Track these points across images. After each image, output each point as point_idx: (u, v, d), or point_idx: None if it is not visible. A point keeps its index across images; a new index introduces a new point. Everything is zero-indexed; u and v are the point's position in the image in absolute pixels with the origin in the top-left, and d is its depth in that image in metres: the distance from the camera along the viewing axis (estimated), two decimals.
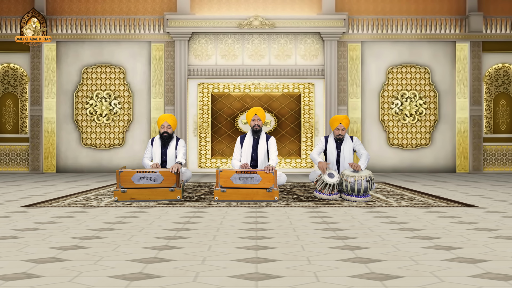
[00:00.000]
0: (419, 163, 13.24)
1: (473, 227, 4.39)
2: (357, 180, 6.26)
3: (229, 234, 4.03)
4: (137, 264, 3.01)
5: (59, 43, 13.19)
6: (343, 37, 13.15)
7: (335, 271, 2.83)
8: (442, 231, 4.21)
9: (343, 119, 6.79)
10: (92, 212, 5.42)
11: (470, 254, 3.30)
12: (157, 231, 4.18)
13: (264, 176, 6.32)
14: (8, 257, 3.18)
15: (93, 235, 3.98)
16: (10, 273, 2.79)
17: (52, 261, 3.05)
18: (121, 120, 13.23)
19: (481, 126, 13.21)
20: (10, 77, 13.26)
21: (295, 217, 5.08)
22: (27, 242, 3.69)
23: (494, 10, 13.38)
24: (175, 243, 3.66)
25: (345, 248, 3.50)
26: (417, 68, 13.25)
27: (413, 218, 4.96)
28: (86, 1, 13.34)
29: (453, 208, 5.78)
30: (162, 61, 13.11)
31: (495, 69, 13.30)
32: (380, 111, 13.26)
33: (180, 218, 4.96)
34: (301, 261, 3.08)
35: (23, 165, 13.22)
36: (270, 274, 2.75)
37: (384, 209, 5.69)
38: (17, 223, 4.61)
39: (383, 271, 2.83)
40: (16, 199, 6.68)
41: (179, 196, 6.37)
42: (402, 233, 4.09)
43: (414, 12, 13.36)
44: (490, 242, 3.72)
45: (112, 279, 2.66)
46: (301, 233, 4.10)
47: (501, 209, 5.65)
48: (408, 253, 3.32)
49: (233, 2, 13.32)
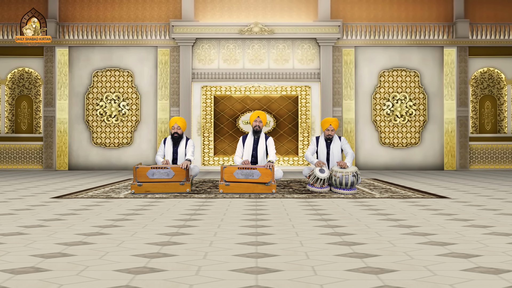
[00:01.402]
0: (409, 161, 14.11)
1: (436, 213, 5.26)
2: (344, 175, 7.13)
3: (232, 223, 4.84)
4: (154, 246, 3.87)
5: (71, 48, 14.05)
6: (338, 42, 14.01)
7: (319, 245, 3.69)
8: (416, 218, 5.08)
9: (333, 121, 7.67)
10: (114, 202, 6.28)
11: (424, 229, 4.17)
12: (169, 220, 5.05)
13: (263, 171, 7.19)
14: (44, 241, 4.05)
15: (111, 224, 4.85)
16: (48, 252, 3.64)
17: (80, 244, 3.81)
18: (129, 120, 14.09)
19: (467, 126, 14.06)
20: (25, 80, 14.13)
21: (290, 207, 5.93)
22: (70, 223, 4.56)
23: (479, 17, 14.24)
24: (185, 231, 4.53)
25: (333, 234, 4.37)
26: (407, 71, 14.11)
27: (389, 206, 5.83)
28: (97, 9, 14.20)
29: (427, 199, 6.65)
30: (167, 65, 13.97)
31: (480, 72, 14.16)
32: (372, 112, 14.12)
33: (191, 206, 5.83)
34: (295, 244, 3.93)
35: (37, 163, 14.09)
36: (268, 254, 3.61)
37: (367, 200, 6.56)
38: (55, 210, 5.48)
39: (363, 250, 3.69)
40: (44, 192, 7.55)
41: (188, 189, 7.24)
42: (385, 222, 4.96)
43: (404, 19, 14.22)
44: (445, 222, 4.59)
45: (135, 257, 3.52)
46: (296, 222, 4.91)
47: (468, 199, 6.51)
48: (388, 238, 4.18)
49: (234, 9, 14.18)
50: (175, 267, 2.96)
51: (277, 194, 7.20)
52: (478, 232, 4.10)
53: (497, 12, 14.23)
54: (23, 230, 4.19)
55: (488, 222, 4.62)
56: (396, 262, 3.07)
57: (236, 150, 7.95)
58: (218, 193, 7.22)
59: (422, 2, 14.27)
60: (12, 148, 14.07)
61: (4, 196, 6.98)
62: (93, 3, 14.20)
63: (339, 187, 7.18)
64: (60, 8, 14.17)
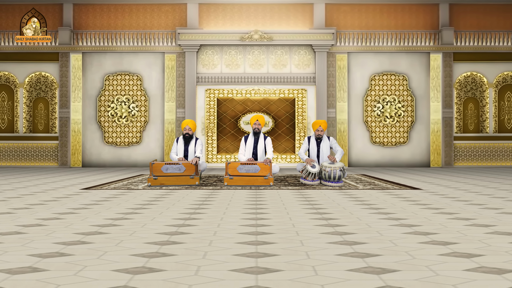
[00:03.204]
0: (398, 159, 15.22)
1: (405, 200, 6.37)
2: (333, 170, 8.24)
3: (236, 211, 5.96)
4: (172, 228, 4.98)
5: (84, 54, 15.16)
6: (332, 48, 15.11)
7: (307, 226, 4.80)
8: (386, 203, 6.18)
9: (322, 123, 8.79)
10: (135, 192, 7.39)
11: (396, 215, 5.28)
12: (182, 208, 6.15)
13: (262, 166, 8.30)
14: (80, 223, 5.16)
15: (131, 211, 5.96)
16: (88, 231, 4.75)
17: (110, 225, 4.95)
18: (138, 121, 15.20)
19: (452, 127, 15.17)
20: (42, 84, 15.23)
21: (285, 197, 7.02)
22: (98, 209, 5.67)
23: (463, 25, 15.34)
24: (197, 216, 5.64)
25: (321, 219, 5.48)
26: (396, 75, 15.22)
27: (368, 196, 6.94)
28: (108, 17, 15.30)
29: (402, 190, 7.76)
30: (174, 69, 15.07)
31: (464, 76, 15.27)
32: (364, 113, 15.22)
33: (201, 196, 6.93)
34: (287, 225, 5.03)
35: (53, 161, 15.20)
36: (265, 233, 4.72)
37: (351, 191, 7.66)
38: (90, 197, 6.59)
39: (344, 230, 4.80)
40: (71, 185, 8.65)
41: (197, 182, 8.35)
42: (366, 210, 6.07)
43: (393, 27, 15.32)
44: (417, 210, 5.70)
45: (159, 235, 4.63)
46: (290, 210, 6.02)
47: (437, 190, 7.62)
48: (366, 220, 5.29)
49: (236, 18, 15.29)
50: (192, 241, 4.06)
51: (274, 186, 8.30)
52: (443, 217, 5.20)
53: (479, 21, 15.33)
54: (58, 216, 5.30)
55: (455, 210, 5.72)
56: (369, 238, 4.17)
57: (239, 148, 9.09)
58: (223, 186, 8.33)
59: (410, 11, 15.37)
60: (29, 147, 15.18)
61: (32, 189, 8.09)
62: (105, 12, 15.30)
63: (327, 180, 8.28)
64: (74, 17, 15.27)
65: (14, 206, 5.72)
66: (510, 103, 15.29)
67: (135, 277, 2.65)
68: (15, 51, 15.09)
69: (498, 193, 7.31)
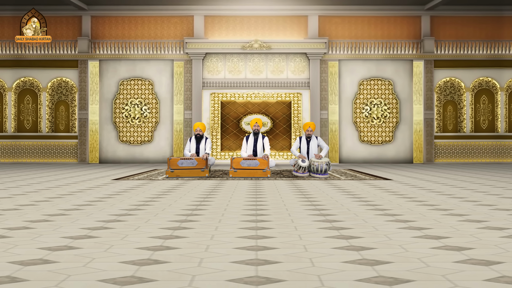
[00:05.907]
0: (384, 156, 16.88)
1: (378, 188, 8.02)
2: (320, 164, 9.90)
3: (240, 197, 7.60)
4: (188, 210, 6.63)
5: (101, 61, 16.81)
6: (325, 56, 16.76)
7: (295, 205, 6.45)
8: (363, 190, 7.84)
9: (311, 125, 10.44)
10: (156, 182, 9.04)
11: (368, 198, 6.93)
12: (197, 194, 7.80)
13: (261, 161, 9.95)
14: (109, 207, 6.81)
15: (152, 199, 7.61)
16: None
17: (142, 207, 6.61)
18: (150, 122, 16.85)
19: (432, 127, 16.81)
20: (63, 88, 16.88)
21: (280, 186, 8.66)
22: (131, 195, 7.32)
23: (443, 35, 16.98)
24: (210, 199, 7.29)
25: (306, 201, 7.14)
26: (383, 81, 16.87)
27: (347, 184, 8.59)
28: (123, 28, 16.95)
29: (377, 180, 9.41)
30: (182, 75, 16.72)
31: (444, 81, 16.91)
32: (353, 114, 16.87)
33: (211, 185, 8.58)
34: (281, 209, 6.67)
35: (73, 157, 16.85)
36: (263, 213, 6.37)
37: (334, 181, 9.31)
38: (120, 186, 8.23)
39: (327, 212, 6.46)
40: (97, 178, 10.30)
41: (207, 174, 10.00)
42: (344, 195, 7.73)
43: (380, 37, 16.97)
44: (389, 196, 7.35)
45: (177, 215, 6.28)
46: (285, 198, 7.66)
47: (408, 181, 9.27)
48: (347, 205, 6.95)
49: (238, 29, 16.93)
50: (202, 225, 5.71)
51: (271, 178, 9.95)
52: (413, 204, 6.84)
53: (458, 31, 16.98)
54: (90, 202, 6.96)
55: (424, 198, 7.36)
56: (343, 215, 5.82)
57: (241, 146, 10.76)
58: (228, 177, 9.97)
59: (395, 22, 17.01)
60: (52, 145, 16.83)
61: (64, 181, 9.73)
62: (120, 23, 16.94)
63: (315, 173, 9.93)
64: (92, 28, 16.91)
65: (47, 196, 7.37)
66: (485, 106, 16.94)
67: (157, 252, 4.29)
68: (38, 59, 16.74)
69: (474, 186, 8.96)
